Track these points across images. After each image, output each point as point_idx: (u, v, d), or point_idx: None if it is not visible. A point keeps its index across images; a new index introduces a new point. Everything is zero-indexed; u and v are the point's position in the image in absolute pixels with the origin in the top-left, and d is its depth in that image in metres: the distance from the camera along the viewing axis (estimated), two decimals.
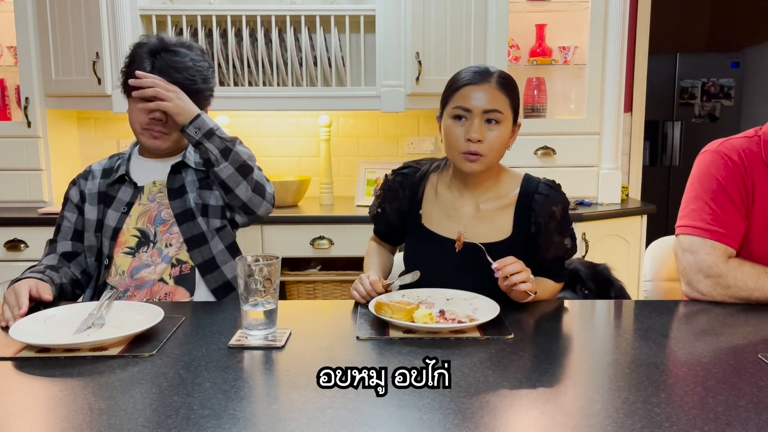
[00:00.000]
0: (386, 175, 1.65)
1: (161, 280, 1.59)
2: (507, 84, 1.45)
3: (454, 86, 1.46)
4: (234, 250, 1.68)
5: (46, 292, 1.40)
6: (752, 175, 1.47)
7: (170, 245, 1.61)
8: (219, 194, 1.65)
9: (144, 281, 1.58)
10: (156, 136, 1.60)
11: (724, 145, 1.52)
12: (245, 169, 1.59)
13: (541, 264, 1.50)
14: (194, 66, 1.60)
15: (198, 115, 1.55)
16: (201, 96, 1.63)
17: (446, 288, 1.45)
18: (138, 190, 1.65)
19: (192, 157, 1.68)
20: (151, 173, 1.68)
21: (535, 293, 1.39)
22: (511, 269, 1.34)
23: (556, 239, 1.50)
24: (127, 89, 1.59)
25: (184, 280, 1.60)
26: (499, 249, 1.47)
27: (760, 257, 1.48)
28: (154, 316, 1.26)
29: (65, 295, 1.55)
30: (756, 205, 1.48)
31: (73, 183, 1.71)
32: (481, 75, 1.44)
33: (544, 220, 1.48)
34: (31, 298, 1.35)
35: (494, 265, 1.35)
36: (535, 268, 1.48)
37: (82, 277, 1.64)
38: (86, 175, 1.71)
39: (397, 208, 1.59)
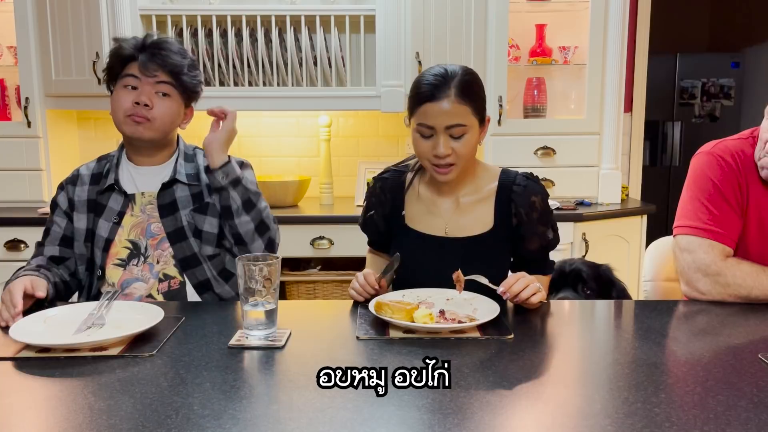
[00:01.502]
0: (368, 183, 1.66)
1: (149, 296, 1.56)
2: (467, 89, 1.41)
3: (415, 99, 1.43)
4: (226, 275, 1.64)
5: (41, 289, 1.38)
6: (746, 176, 1.49)
7: (159, 261, 1.58)
8: (215, 222, 1.60)
9: (133, 296, 1.55)
10: (139, 121, 1.54)
11: (717, 146, 1.54)
12: (263, 227, 1.59)
13: (525, 256, 1.54)
14: (182, 51, 1.60)
15: (229, 160, 1.55)
16: (196, 81, 1.62)
17: (436, 285, 1.46)
18: (128, 198, 1.60)
19: (183, 170, 1.62)
20: (140, 182, 1.62)
21: (547, 301, 1.42)
22: (516, 288, 1.33)
23: (540, 230, 1.51)
24: (116, 73, 1.56)
25: (174, 296, 1.57)
26: (482, 241, 1.51)
27: (757, 257, 1.48)
28: (154, 316, 1.26)
29: (59, 293, 1.53)
30: (751, 205, 1.49)
31: (61, 188, 1.66)
32: (439, 87, 1.39)
33: (525, 210, 1.49)
34: (27, 296, 1.35)
35: (500, 289, 1.35)
36: (521, 261, 1.54)
37: (70, 279, 1.61)
38: (74, 180, 1.65)
39: (383, 213, 1.60)
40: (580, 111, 3.02)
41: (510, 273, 1.47)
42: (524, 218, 1.50)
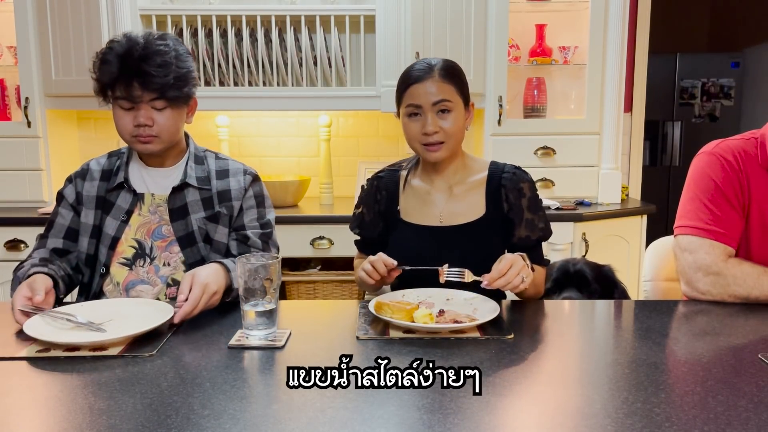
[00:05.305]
0: (362, 186, 1.71)
1: (157, 299, 1.53)
2: (450, 72, 1.51)
3: (402, 86, 1.53)
4: None
5: (38, 293, 1.32)
6: (748, 177, 1.48)
7: (168, 264, 1.56)
8: (225, 232, 1.61)
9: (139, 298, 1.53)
10: (146, 141, 1.52)
11: (719, 146, 1.53)
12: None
13: (518, 245, 1.56)
14: (165, 63, 1.48)
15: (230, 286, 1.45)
16: (187, 91, 1.54)
17: (435, 275, 1.44)
18: (137, 197, 1.59)
19: (193, 173, 1.61)
20: (150, 183, 1.61)
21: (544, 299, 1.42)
22: (499, 284, 1.33)
23: (528, 216, 1.55)
24: (105, 95, 1.54)
25: None
26: (475, 227, 1.55)
27: (759, 258, 1.48)
28: (164, 313, 1.27)
29: (67, 287, 1.52)
30: (753, 205, 1.49)
31: (69, 181, 1.64)
32: (425, 70, 1.50)
33: (513, 195, 1.55)
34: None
35: (484, 282, 1.34)
36: (514, 251, 1.52)
37: (73, 273, 1.58)
38: (84, 174, 1.64)
39: (378, 211, 1.64)
40: (580, 111, 3.02)
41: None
42: (513, 204, 1.55)
